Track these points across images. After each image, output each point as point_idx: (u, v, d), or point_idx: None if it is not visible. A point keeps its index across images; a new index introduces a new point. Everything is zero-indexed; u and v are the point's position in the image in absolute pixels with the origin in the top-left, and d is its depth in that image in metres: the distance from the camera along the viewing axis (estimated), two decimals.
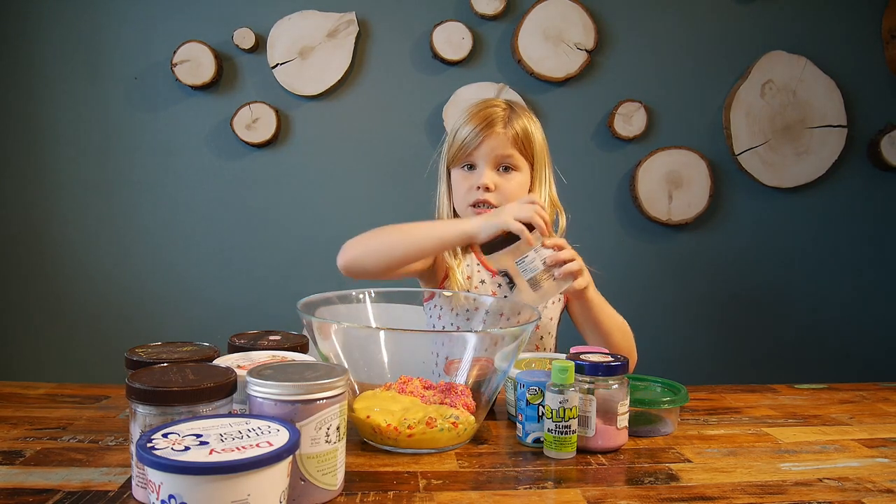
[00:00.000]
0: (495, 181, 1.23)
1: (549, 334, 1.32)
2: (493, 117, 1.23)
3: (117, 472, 0.75)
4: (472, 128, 1.23)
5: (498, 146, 1.23)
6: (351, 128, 2.09)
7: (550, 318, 1.32)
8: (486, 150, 1.23)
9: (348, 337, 0.91)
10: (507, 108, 1.27)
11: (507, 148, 1.23)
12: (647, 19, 2.12)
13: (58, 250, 2.07)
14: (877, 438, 0.93)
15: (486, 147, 1.23)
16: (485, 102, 1.28)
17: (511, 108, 1.27)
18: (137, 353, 0.80)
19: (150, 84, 2.05)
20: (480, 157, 1.23)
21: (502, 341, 0.90)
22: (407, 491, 0.72)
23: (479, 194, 1.23)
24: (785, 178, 2.15)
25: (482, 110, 1.25)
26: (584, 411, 0.85)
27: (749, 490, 0.75)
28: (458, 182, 1.27)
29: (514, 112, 1.26)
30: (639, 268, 2.18)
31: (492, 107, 1.26)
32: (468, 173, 1.26)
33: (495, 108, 1.25)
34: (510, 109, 1.26)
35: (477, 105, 1.28)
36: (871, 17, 2.16)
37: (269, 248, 2.10)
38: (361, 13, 2.06)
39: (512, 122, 1.24)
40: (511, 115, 1.25)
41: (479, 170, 1.24)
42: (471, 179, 1.25)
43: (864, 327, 2.23)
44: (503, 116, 1.24)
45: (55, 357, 2.09)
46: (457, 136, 1.26)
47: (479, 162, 1.24)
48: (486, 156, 1.23)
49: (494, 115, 1.24)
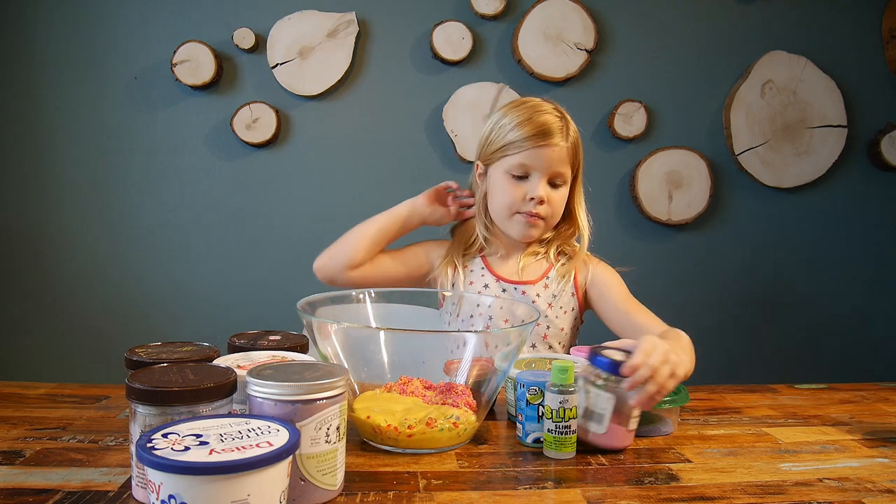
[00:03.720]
0: (548, 194, 1.21)
1: (560, 344, 1.28)
2: (552, 126, 1.19)
3: (117, 472, 0.75)
4: (529, 134, 1.18)
5: (555, 161, 1.20)
6: (351, 128, 2.09)
7: (562, 328, 1.28)
8: (545, 164, 1.19)
9: (348, 337, 0.91)
10: (562, 115, 1.22)
11: (563, 164, 1.21)
12: (647, 19, 2.12)
13: (57, 250, 2.07)
14: (877, 438, 0.93)
15: (545, 160, 1.19)
16: (537, 106, 1.22)
17: (563, 114, 1.23)
18: (137, 353, 0.80)
19: (150, 84, 2.04)
20: (537, 168, 1.20)
21: (502, 341, 0.90)
22: (407, 491, 0.72)
23: (531, 206, 1.21)
24: (785, 178, 2.15)
25: (538, 116, 1.20)
26: (601, 408, 0.83)
27: (749, 490, 0.75)
28: (506, 187, 1.22)
29: (567, 120, 1.22)
30: (639, 268, 2.17)
31: (547, 113, 1.20)
32: (519, 181, 1.21)
33: (551, 116, 1.20)
34: (563, 118, 1.22)
35: (528, 108, 1.22)
36: (871, 17, 2.16)
37: (269, 247, 2.10)
38: (361, 13, 2.06)
39: (568, 133, 1.21)
40: (566, 124, 1.21)
41: (534, 180, 1.20)
42: (523, 188, 1.20)
43: (864, 327, 2.23)
44: (561, 127, 1.20)
45: (55, 357, 2.08)
46: (508, 133, 1.20)
47: (534, 171, 1.20)
48: (542, 169, 1.20)
49: (553, 125, 1.19)
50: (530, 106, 1.22)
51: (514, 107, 1.24)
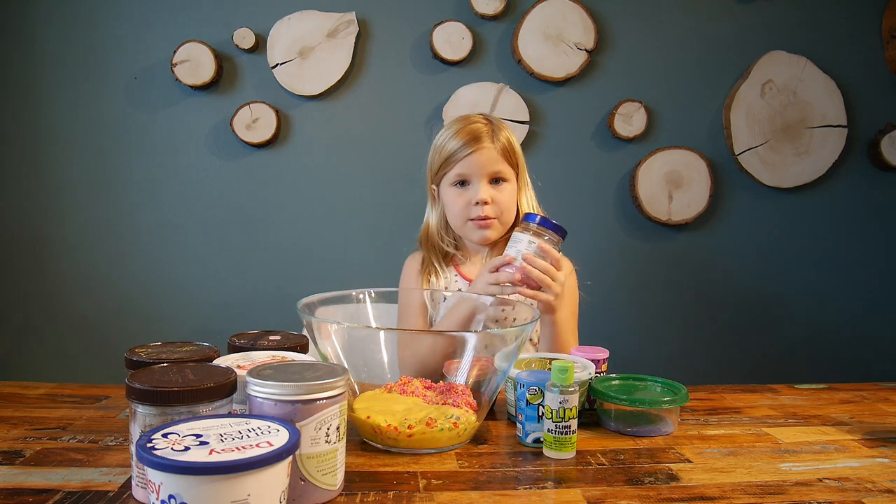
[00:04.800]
0: (491, 195, 1.27)
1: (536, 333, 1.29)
2: (479, 133, 1.27)
3: (117, 472, 0.75)
4: (460, 144, 1.27)
5: (489, 161, 1.27)
6: (351, 128, 2.09)
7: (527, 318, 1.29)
8: (479, 166, 1.27)
9: (348, 337, 0.91)
10: (488, 122, 1.31)
11: (498, 163, 1.28)
12: (647, 19, 2.12)
13: (57, 250, 2.07)
14: (877, 438, 0.93)
15: (478, 162, 1.27)
16: (465, 119, 1.31)
17: (490, 122, 1.31)
18: (137, 353, 0.80)
19: (150, 84, 2.04)
20: (473, 173, 1.28)
21: (502, 341, 0.90)
22: (407, 491, 0.72)
23: (478, 209, 1.27)
24: (785, 178, 2.15)
25: (465, 126, 1.29)
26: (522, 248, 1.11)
27: (749, 490, 0.75)
28: (452, 199, 1.30)
29: (495, 125, 1.30)
30: (639, 268, 2.18)
31: (474, 122, 1.29)
32: (462, 190, 1.29)
33: (478, 125, 1.29)
34: (491, 124, 1.30)
35: (458, 122, 1.31)
36: (871, 17, 2.16)
37: (269, 248, 2.10)
38: (361, 13, 2.06)
39: (497, 136, 1.29)
40: (494, 128, 1.29)
41: (475, 185, 1.28)
42: (466, 195, 1.28)
43: (864, 327, 2.23)
44: (488, 131, 1.28)
45: (55, 357, 2.09)
46: (443, 150, 1.30)
47: (472, 178, 1.28)
48: (479, 171, 1.27)
49: (480, 131, 1.28)
50: (459, 119, 1.33)
51: (446, 127, 1.34)
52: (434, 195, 1.37)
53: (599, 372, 1.03)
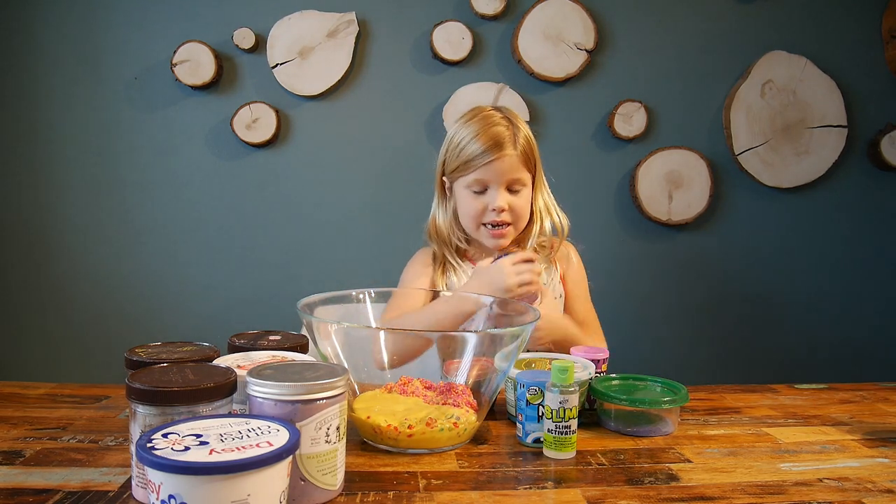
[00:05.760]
0: (508, 201, 1.26)
1: None
2: (501, 139, 1.24)
3: (117, 472, 0.75)
4: (481, 148, 1.24)
5: (509, 170, 1.25)
6: (351, 128, 2.09)
7: None
8: (499, 174, 1.25)
9: (348, 337, 0.91)
10: (510, 123, 1.27)
11: (517, 171, 1.26)
12: (647, 19, 2.12)
13: (57, 250, 2.07)
14: (877, 438, 0.93)
15: (499, 170, 1.24)
16: (486, 119, 1.27)
17: (511, 121, 1.27)
18: (137, 353, 0.80)
19: (150, 84, 2.04)
20: (492, 180, 1.25)
21: (502, 341, 0.90)
22: (407, 491, 0.72)
23: (494, 216, 1.26)
24: (785, 178, 2.15)
25: (487, 129, 1.25)
26: None
27: (749, 490, 0.75)
28: (468, 201, 1.28)
29: (515, 127, 1.27)
30: (639, 268, 2.18)
31: (496, 125, 1.25)
32: (479, 195, 1.27)
33: (500, 128, 1.25)
34: (512, 125, 1.27)
35: (478, 121, 1.27)
36: (871, 17, 2.16)
37: (268, 248, 2.10)
38: (361, 13, 2.06)
39: (518, 140, 1.26)
40: (515, 131, 1.26)
41: (493, 192, 1.26)
42: (483, 200, 1.27)
43: (864, 327, 2.23)
44: (510, 136, 1.25)
45: (55, 357, 2.08)
46: (461, 152, 1.26)
47: (490, 184, 1.26)
48: (498, 179, 1.25)
49: (502, 136, 1.24)
50: (479, 117, 1.28)
51: (465, 122, 1.29)
52: (445, 189, 1.35)
53: (599, 372, 1.03)
